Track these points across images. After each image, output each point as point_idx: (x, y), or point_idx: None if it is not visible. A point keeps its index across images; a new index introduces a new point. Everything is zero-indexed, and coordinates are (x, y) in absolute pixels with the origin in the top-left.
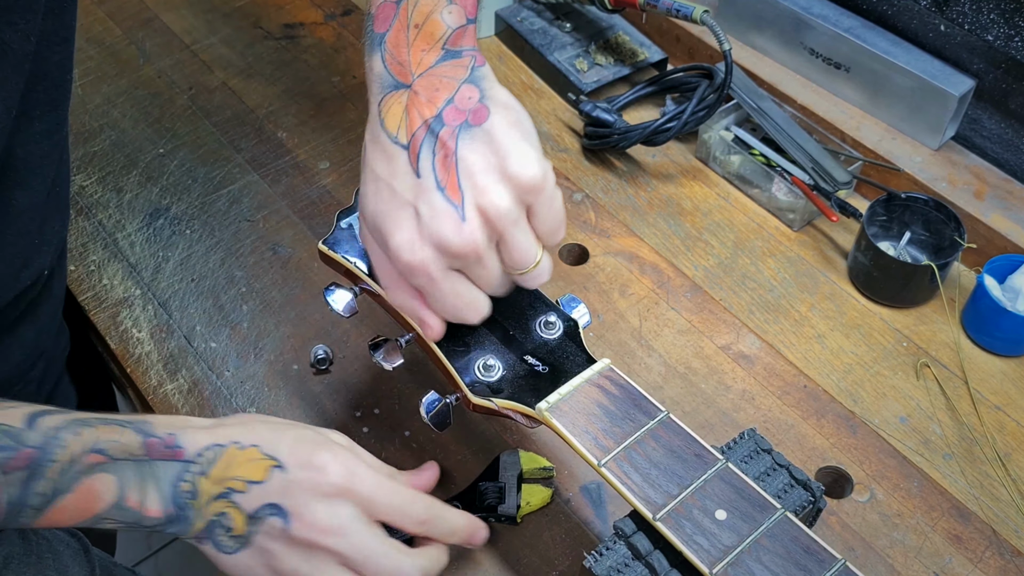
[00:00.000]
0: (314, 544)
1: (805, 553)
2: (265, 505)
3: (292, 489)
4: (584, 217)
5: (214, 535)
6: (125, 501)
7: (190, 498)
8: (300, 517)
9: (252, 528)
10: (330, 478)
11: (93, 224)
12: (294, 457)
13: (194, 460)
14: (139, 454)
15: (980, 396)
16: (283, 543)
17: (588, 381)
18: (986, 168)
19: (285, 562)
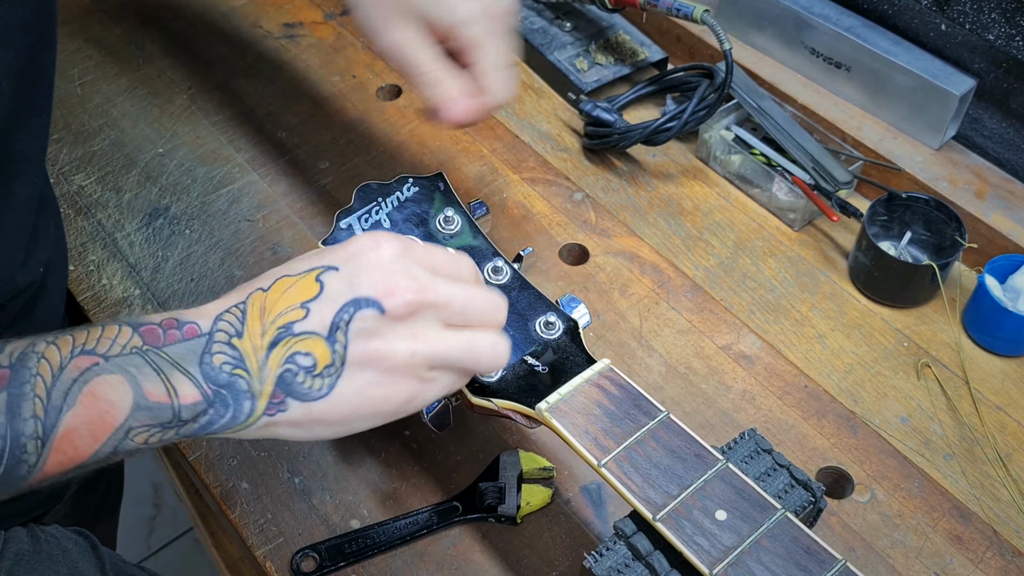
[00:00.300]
0: (414, 308)
1: (805, 554)
2: (342, 307)
3: (359, 277)
4: (584, 217)
5: (296, 387)
6: (148, 397)
7: (233, 368)
8: (388, 292)
9: (339, 345)
10: (385, 248)
11: (92, 224)
12: (334, 257)
13: (214, 331)
14: (137, 345)
15: (981, 396)
16: (384, 333)
17: (588, 381)
18: (987, 168)
19: (396, 351)
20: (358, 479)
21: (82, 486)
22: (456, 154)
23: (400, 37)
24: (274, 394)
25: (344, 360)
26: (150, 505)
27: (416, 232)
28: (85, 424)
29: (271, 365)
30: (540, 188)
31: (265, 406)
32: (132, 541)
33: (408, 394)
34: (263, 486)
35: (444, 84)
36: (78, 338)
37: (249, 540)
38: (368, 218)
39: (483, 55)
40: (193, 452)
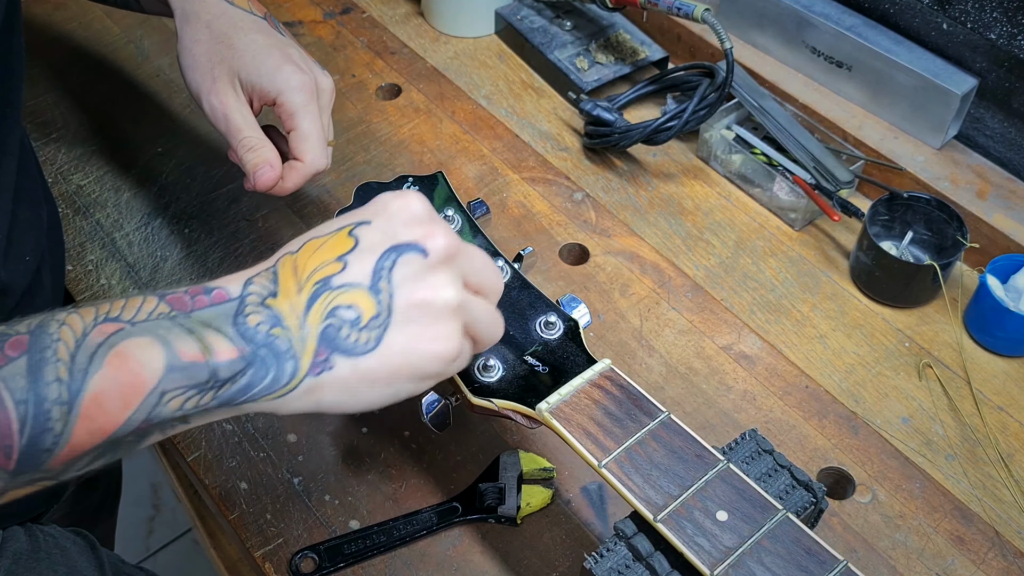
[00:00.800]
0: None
1: (807, 554)
2: (383, 255)
3: (393, 226)
4: (584, 216)
5: (341, 342)
6: (181, 357)
7: (271, 327)
8: (427, 236)
9: (383, 295)
10: (412, 202)
11: (91, 223)
12: (363, 214)
13: (245, 294)
14: (164, 311)
15: (983, 397)
16: (428, 279)
17: (589, 381)
18: (989, 167)
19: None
20: (358, 480)
21: (80, 486)
22: (456, 154)
23: (221, 102)
24: (318, 351)
25: (391, 309)
26: (149, 506)
27: None
28: (115, 387)
29: (311, 322)
30: (540, 188)
31: (309, 365)
32: (131, 542)
33: (455, 348)
34: (262, 487)
35: (259, 151)
36: (101, 308)
37: (248, 541)
38: None
39: (300, 122)
40: (192, 452)
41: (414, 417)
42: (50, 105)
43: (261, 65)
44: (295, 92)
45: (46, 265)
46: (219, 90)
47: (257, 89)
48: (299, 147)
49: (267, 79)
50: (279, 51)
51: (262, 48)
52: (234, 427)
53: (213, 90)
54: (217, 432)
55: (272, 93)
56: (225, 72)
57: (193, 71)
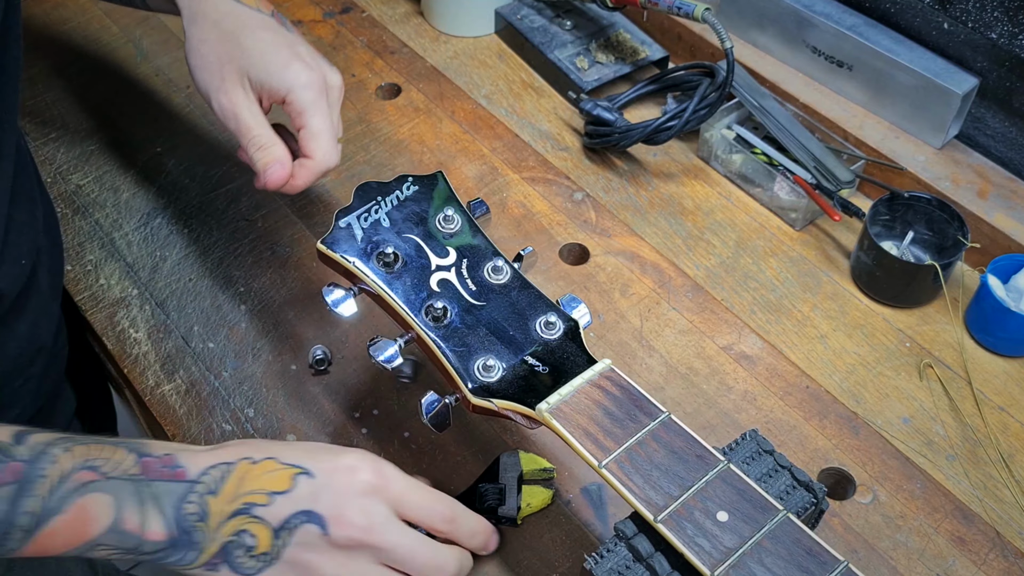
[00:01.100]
0: (355, 544)
1: (807, 555)
2: (296, 513)
3: (324, 493)
4: (585, 216)
5: (232, 558)
6: (123, 524)
7: (197, 520)
8: (338, 519)
9: (280, 542)
10: (361, 476)
11: (90, 223)
12: (319, 463)
13: (198, 480)
14: (135, 472)
15: (983, 397)
16: (320, 551)
17: (589, 382)
18: (990, 167)
19: (324, 571)
20: None
21: None
22: (456, 153)
23: (231, 100)
24: (215, 555)
25: (278, 556)
26: None
27: (415, 231)
28: (67, 529)
29: (223, 531)
30: (540, 187)
31: (206, 561)
32: None
33: None
34: None
35: (269, 149)
36: (91, 452)
37: None
38: (367, 217)
39: (310, 119)
40: None
41: (414, 418)
42: (49, 104)
43: (270, 63)
44: (304, 89)
45: (43, 266)
46: (228, 89)
47: (266, 87)
48: (309, 144)
49: (276, 77)
50: (287, 48)
51: (270, 46)
52: (234, 428)
53: (222, 89)
54: (217, 433)
55: (281, 91)
56: (234, 71)
57: (202, 70)
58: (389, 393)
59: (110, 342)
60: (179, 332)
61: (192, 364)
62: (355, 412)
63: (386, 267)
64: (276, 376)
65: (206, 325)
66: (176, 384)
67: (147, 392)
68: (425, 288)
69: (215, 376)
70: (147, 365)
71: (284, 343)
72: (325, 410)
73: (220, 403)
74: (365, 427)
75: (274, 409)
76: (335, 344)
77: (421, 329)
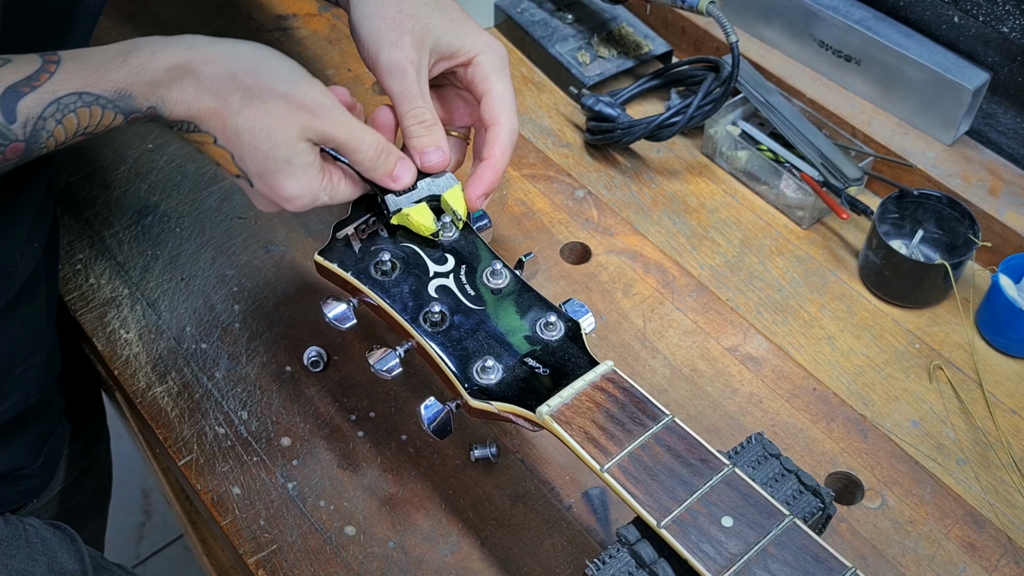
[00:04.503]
0: None
1: (814, 561)
2: None
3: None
4: (586, 215)
5: None
6: None
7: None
8: None
9: None
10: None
11: (79, 222)
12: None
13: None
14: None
15: (995, 399)
16: None
17: (590, 384)
18: (1001, 164)
19: None
20: (354, 484)
21: (67, 484)
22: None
23: (406, 57)
24: None
25: None
26: (139, 512)
27: (413, 239)
28: None
29: None
30: (541, 185)
31: None
32: (121, 548)
33: None
34: (255, 492)
35: (432, 128)
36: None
37: (241, 548)
38: (364, 228)
39: (496, 83)
40: (183, 457)
41: (411, 420)
42: None
43: (462, 28)
44: (494, 53)
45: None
46: (405, 45)
47: (454, 48)
48: (495, 108)
49: (469, 40)
50: (472, 20)
51: (460, 13)
52: (227, 431)
53: (398, 44)
54: (209, 436)
55: (472, 52)
56: (418, 28)
57: (378, 19)
58: (386, 395)
59: (100, 343)
60: (171, 333)
61: (184, 365)
62: (351, 415)
63: (383, 276)
64: (271, 378)
65: (199, 326)
66: (168, 386)
67: (138, 394)
68: (423, 295)
69: (208, 378)
70: (138, 366)
71: (279, 344)
72: (321, 412)
73: (213, 405)
74: (362, 430)
75: (268, 411)
76: (331, 345)
77: (419, 336)
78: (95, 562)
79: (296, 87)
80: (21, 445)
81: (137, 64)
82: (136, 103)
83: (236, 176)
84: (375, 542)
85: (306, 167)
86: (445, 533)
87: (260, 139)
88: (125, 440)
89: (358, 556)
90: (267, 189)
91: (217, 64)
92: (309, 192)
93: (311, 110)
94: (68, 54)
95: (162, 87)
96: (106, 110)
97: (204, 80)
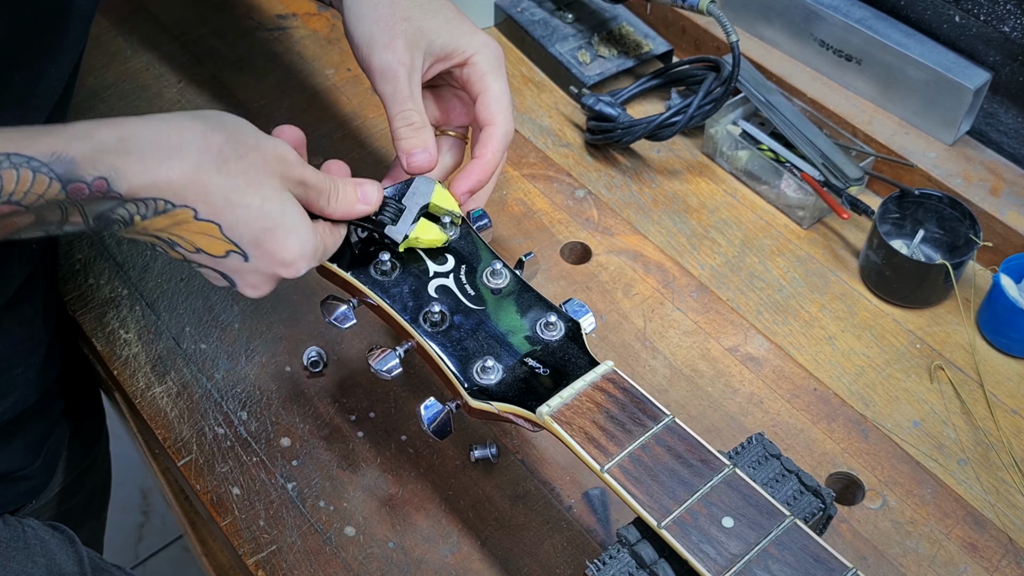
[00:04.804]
0: None
1: (815, 562)
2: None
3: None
4: (586, 214)
5: None
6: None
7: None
8: None
9: None
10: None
11: None
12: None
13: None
14: (60, 199)
15: (996, 399)
16: None
17: (591, 384)
18: (1002, 164)
19: None
20: (354, 485)
21: (66, 485)
22: None
23: (398, 59)
24: None
25: None
26: (138, 512)
27: None
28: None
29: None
30: (541, 185)
31: None
32: (120, 549)
33: None
34: (255, 492)
35: (420, 130)
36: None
37: (241, 548)
38: (363, 228)
39: (492, 83)
40: (183, 457)
41: (410, 420)
42: None
43: (455, 28)
44: (490, 53)
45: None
46: (398, 47)
47: (449, 48)
48: (490, 109)
49: (464, 40)
50: (468, 19)
51: (453, 12)
52: (226, 431)
53: (391, 46)
54: (209, 436)
55: (467, 53)
56: (412, 30)
57: (371, 21)
58: (386, 396)
59: (99, 343)
60: (170, 333)
61: (184, 366)
62: (351, 415)
63: (383, 276)
64: (270, 378)
65: (198, 326)
66: (167, 386)
67: (137, 394)
68: (423, 295)
69: (207, 378)
70: (137, 367)
71: (278, 344)
72: (320, 412)
73: (212, 406)
74: (361, 430)
75: (268, 412)
76: (331, 345)
77: (419, 336)
78: (94, 563)
79: (261, 140)
80: (20, 446)
81: (79, 130)
82: (78, 170)
83: (225, 255)
84: (375, 543)
85: (300, 218)
86: (445, 534)
87: (250, 195)
88: (124, 440)
89: (358, 557)
90: (265, 257)
91: (179, 127)
92: (309, 246)
93: (283, 159)
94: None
95: (113, 155)
96: (38, 174)
97: (168, 144)
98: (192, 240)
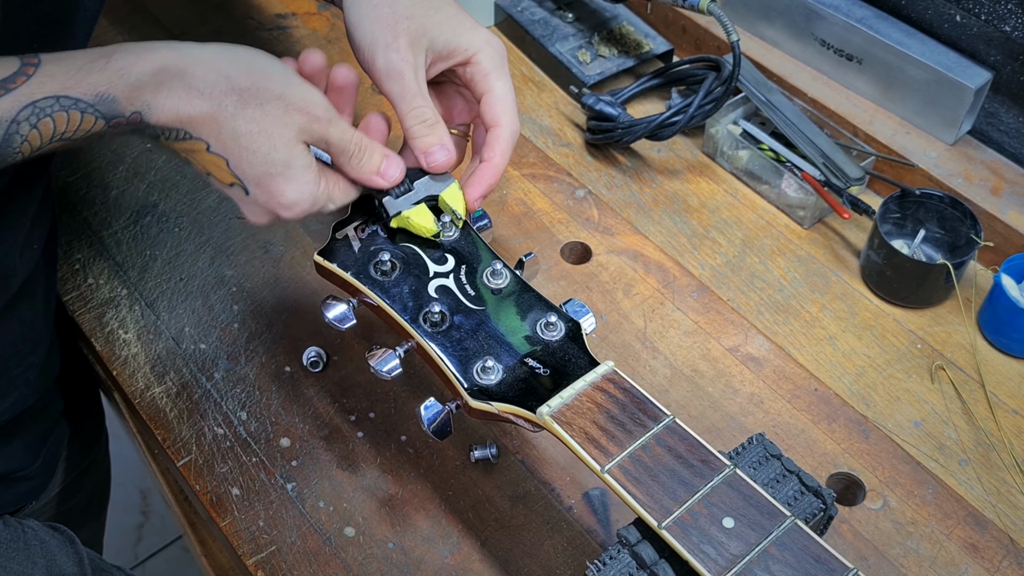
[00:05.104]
0: None
1: (815, 562)
2: None
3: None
4: (587, 214)
5: None
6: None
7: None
8: None
9: None
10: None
11: (78, 221)
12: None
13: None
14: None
15: (997, 400)
16: None
17: (591, 384)
18: (1003, 163)
19: None
20: (353, 485)
21: (66, 485)
22: None
23: (402, 58)
24: None
25: None
26: (138, 512)
27: (412, 239)
28: None
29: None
30: (541, 184)
31: None
32: (119, 549)
33: None
34: (255, 493)
35: (434, 127)
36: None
37: (240, 548)
38: (364, 228)
39: (496, 81)
40: (182, 458)
41: (411, 420)
42: None
43: (457, 25)
44: (493, 51)
45: (49, 253)
46: (401, 46)
47: (451, 47)
48: (495, 109)
49: (466, 38)
50: (469, 16)
51: (455, 9)
52: (226, 432)
53: (393, 46)
54: (208, 437)
55: (470, 51)
56: (414, 28)
57: (372, 21)
58: (386, 396)
59: (99, 343)
60: (170, 333)
61: (183, 366)
62: (351, 415)
63: (383, 276)
64: (270, 378)
65: (197, 326)
66: (167, 386)
67: (136, 395)
68: (423, 295)
69: (207, 378)
70: (137, 367)
71: (278, 344)
72: (320, 412)
73: (212, 406)
74: (361, 430)
75: (268, 412)
76: (330, 345)
77: (419, 336)
78: (94, 564)
79: (291, 89)
80: (19, 446)
81: (120, 67)
82: (119, 107)
83: (230, 185)
84: (375, 543)
85: (305, 170)
86: (445, 534)
87: (259, 142)
88: (124, 441)
89: (357, 557)
90: (265, 196)
91: (208, 67)
92: (308, 196)
93: (307, 112)
94: (49, 57)
95: (148, 91)
96: (85, 114)
97: (195, 83)
98: (204, 166)
